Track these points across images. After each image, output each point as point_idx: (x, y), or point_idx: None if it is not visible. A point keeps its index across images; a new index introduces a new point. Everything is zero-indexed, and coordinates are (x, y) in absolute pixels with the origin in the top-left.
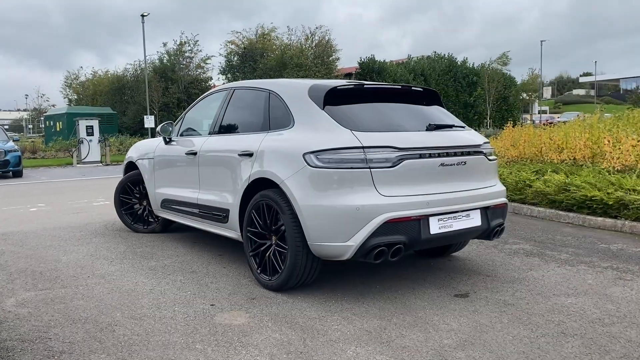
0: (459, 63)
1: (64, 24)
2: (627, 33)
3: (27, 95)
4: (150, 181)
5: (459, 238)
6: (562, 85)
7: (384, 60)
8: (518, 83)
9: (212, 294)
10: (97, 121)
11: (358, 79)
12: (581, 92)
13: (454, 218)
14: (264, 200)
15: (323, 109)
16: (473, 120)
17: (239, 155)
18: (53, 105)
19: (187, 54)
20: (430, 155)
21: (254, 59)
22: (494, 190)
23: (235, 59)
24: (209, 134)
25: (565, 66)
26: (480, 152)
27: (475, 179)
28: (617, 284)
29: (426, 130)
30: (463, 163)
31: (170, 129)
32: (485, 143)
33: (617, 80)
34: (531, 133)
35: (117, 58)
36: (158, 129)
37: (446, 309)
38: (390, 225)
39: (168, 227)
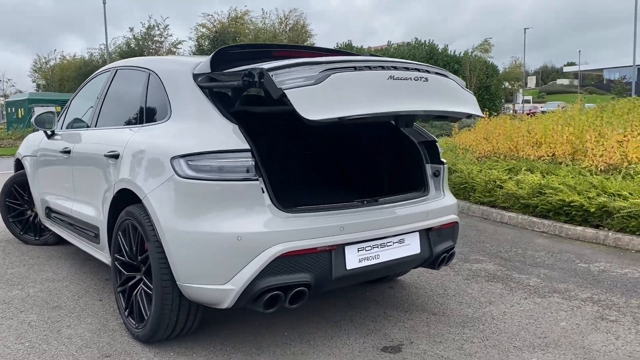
0: (439, 50)
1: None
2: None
3: None
4: (34, 184)
5: (388, 271)
6: (547, 74)
7: (362, 47)
8: (500, 72)
9: (58, 346)
10: (54, 108)
11: None
12: (565, 82)
13: (381, 246)
14: (129, 220)
15: (209, 97)
16: None
17: (105, 156)
18: (20, 91)
19: (156, 38)
20: None
21: (225, 43)
22: (439, 206)
23: (207, 43)
24: (87, 126)
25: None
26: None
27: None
28: (599, 328)
29: None
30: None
31: (52, 119)
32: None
33: (601, 70)
34: (507, 125)
35: (101, 42)
36: (32, 119)
37: None
38: (287, 261)
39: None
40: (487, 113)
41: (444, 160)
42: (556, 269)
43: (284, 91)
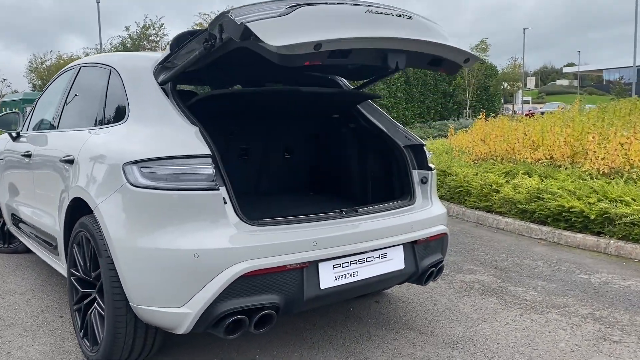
0: None
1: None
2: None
3: None
4: (0, 189)
5: (369, 289)
6: (547, 75)
7: None
8: (499, 72)
9: None
10: None
11: None
12: (564, 82)
13: (360, 262)
14: (83, 233)
15: (169, 95)
16: (452, 110)
17: (61, 161)
18: (15, 91)
19: (151, 38)
20: None
21: None
22: (426, 216)
23: None
24: (49, 128)
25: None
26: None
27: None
28: (601, 351)
29: None
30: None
31: (17, 120)
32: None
33: (600, 71)
34: (505, 127)
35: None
36: None
37: None
38: (251, 281)
39: None
40: (485, 114)
41: (432, 166)
42: (555, 280)
43: (246, 25)
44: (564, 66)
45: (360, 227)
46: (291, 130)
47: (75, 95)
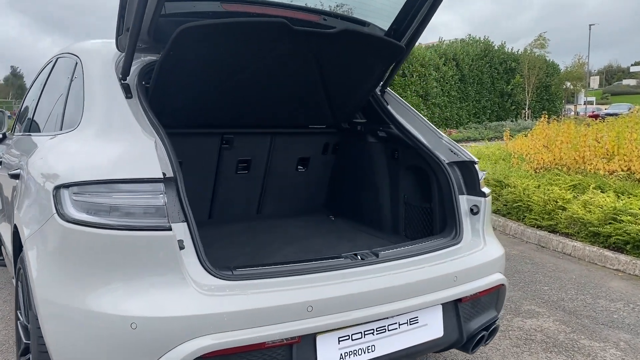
0: (496, 47)
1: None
2: None
3: None
4: None
5: None
6: (612, 74)
7: None
8: (561, 71)
9: None
10: None
11: None
12: (632, 82)
13: (379, 331)
14: (22, 271)
15: (129, 94)
16: (510, 110)
17: (10, 177)
18: None
19: None
20: None
21: None
22: (476, 262)
23: None
24: (23, 130)
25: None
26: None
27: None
28: None
29: None
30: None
31: (2, 120)
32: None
33: None
34: (572, 132)
35: None
36: None
37: None
38: None
39: None
40: (546, 115)
41: (486, 191)
42: None
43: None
44: (632, 65)
45: (380, 281)
46: (305, 139)
47: (48, 91)
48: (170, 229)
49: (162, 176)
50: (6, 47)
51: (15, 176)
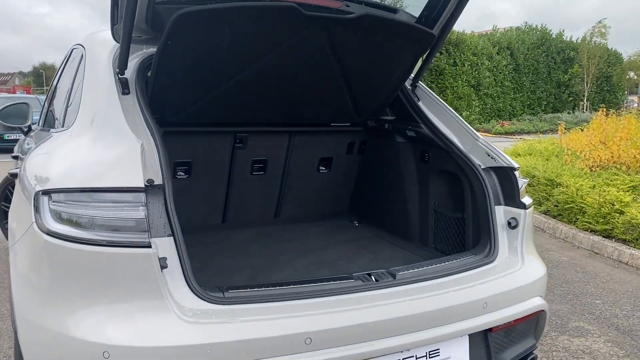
0: (553, 36)
1: None
2: None
3: None
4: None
5: None
6: None
7: (464, 32)
8: (624, 60)
9: None
10: None
11: None
12: None
13: None
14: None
15: (127, 89)
16: (567, 102)
17: (10, 175)
18: None
19: None
20: None
21: None
22: (511, 285)
23: None
24: (39, 124)
25: None
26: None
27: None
28: None
29: None
30: None
31: (26, 113)
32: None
33: None
34: (632, 127)
35: None
36: None
37: None
38: None
39: None
40: (604, 108)
41: (527, 201)
42: None
43: None
44: None
45: (395, 308)
46: (328, 137)
47: (60, 85)
48: (149, 246)
49: (142, 185)
50: (66, 39)
51: (15, 175)
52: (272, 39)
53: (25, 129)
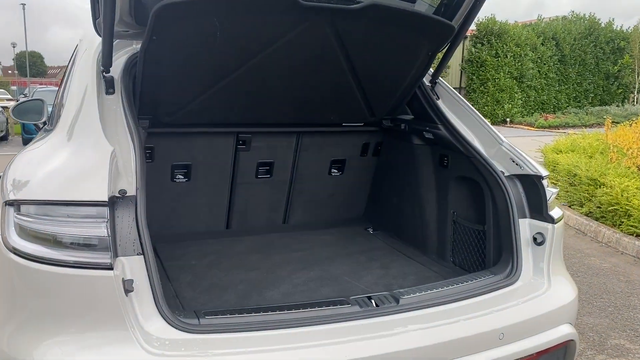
0: (602, 25)
1: None
2: None
3: None
4: None
5: None
6: None
7: (507, 21)
8: None
9: None
10: None
11: (474, 42)
12: None
13: None
14: None
15: (111, 89)
16: (616, 94)
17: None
18: None
19: None
20: None
21: None
22: (534, 312)
23: None
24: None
25: None
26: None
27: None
28: None
29: None
30: None
31: (41, 109)
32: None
33: None
34: None
35: None
36: (11, 110)
37: None
38: None
39: None
40: None
41: (556, 214)
42: None
43: None
44: None
45: (396, 339)
46: (340, 138)
47: (63, 81)
48: (110, 268)
49: (106, 199)
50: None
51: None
52: (269, 32)
53: (41, 125)
